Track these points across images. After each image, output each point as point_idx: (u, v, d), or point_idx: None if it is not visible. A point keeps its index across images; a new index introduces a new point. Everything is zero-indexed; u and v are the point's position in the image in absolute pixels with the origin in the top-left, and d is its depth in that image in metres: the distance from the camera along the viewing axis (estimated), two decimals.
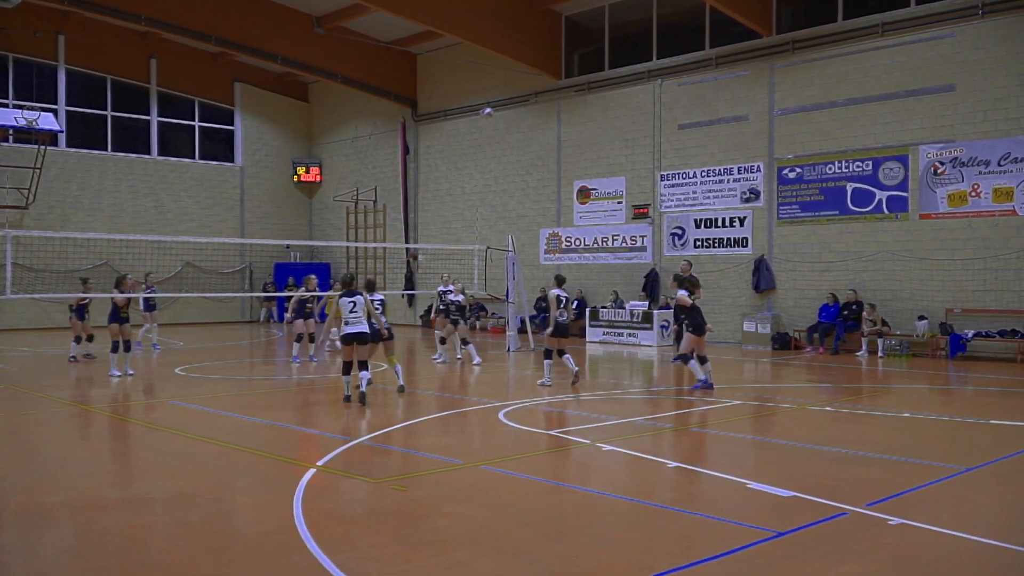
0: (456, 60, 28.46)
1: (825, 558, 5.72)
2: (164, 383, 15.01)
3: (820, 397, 13.65)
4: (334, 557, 5.65)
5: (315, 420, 11.60)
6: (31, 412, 12.05)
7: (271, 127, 34.43)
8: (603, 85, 25.61)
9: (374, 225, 32.83)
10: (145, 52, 31.11)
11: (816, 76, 21.25)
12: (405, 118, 31.17)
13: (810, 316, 21.14)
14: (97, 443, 10.41)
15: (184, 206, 32.08)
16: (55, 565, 5.76)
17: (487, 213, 28.62)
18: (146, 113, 31.65)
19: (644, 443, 9.72)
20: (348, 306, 11.64)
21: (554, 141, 26.86)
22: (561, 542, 6.04)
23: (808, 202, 21.38)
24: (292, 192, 35.09)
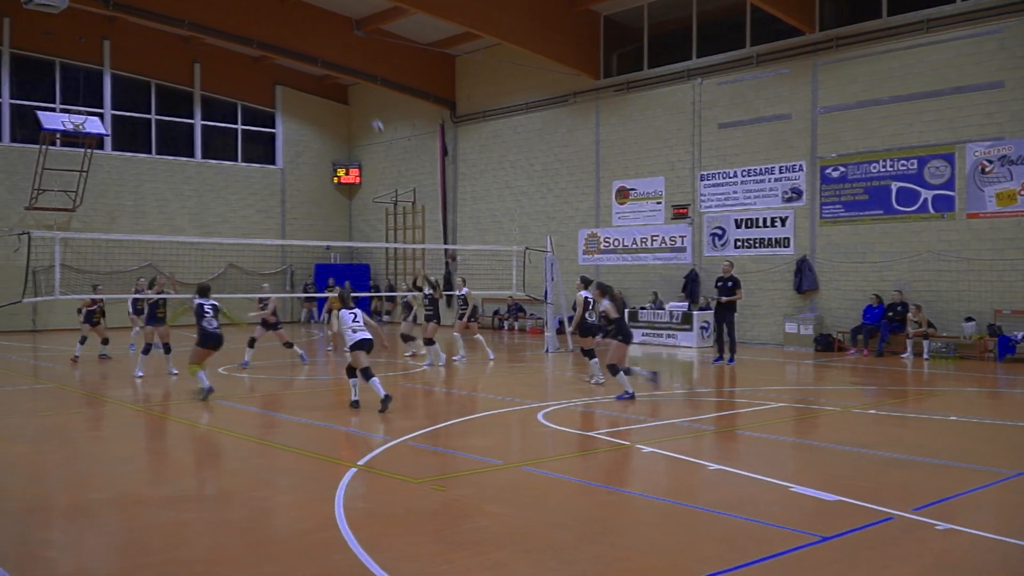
0: (495, 61, 28.49)
1: (871, 563, 5.62)
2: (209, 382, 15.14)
3: (864, 400, 13.45)
4: (374, 556, 5.66)
5: (355, 420, 11.65)
6: (78, 411, 12.25)
7: (311, 129, 34.72)
8: (642, 85, 25.48)
9: (413, 226, 32.96)
10: (189, 56, 31.52)
11: (860, 73, 20.97)
12: (444, 119, 31.26)
13: (854, 317, 20.86)
14: (142, 441, 10.55)
15: (226, 208, 32.45)
16: (100, 560, 5.85)
17: (526, 214, 28.61)
18: (190, 117, 32.07)
19: (684, 445, 9.64)
20: (350, 318, 12.35)
21: (593, 141, 26.78)
22: (600, 543, 6.00)
23: (852, 201, 21.10)
24: (332, 193, 35.36)
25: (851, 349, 20.40)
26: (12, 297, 16.72)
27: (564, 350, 20.99)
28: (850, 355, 19.93)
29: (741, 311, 21.01)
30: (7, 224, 26.28)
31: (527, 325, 28.25)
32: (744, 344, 21.59)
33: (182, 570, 5.56)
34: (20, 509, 7.01)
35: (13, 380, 15.52)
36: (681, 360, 19.63)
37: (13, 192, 27.93)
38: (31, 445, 9.89)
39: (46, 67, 29.10)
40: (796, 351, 20.90)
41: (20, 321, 26.44)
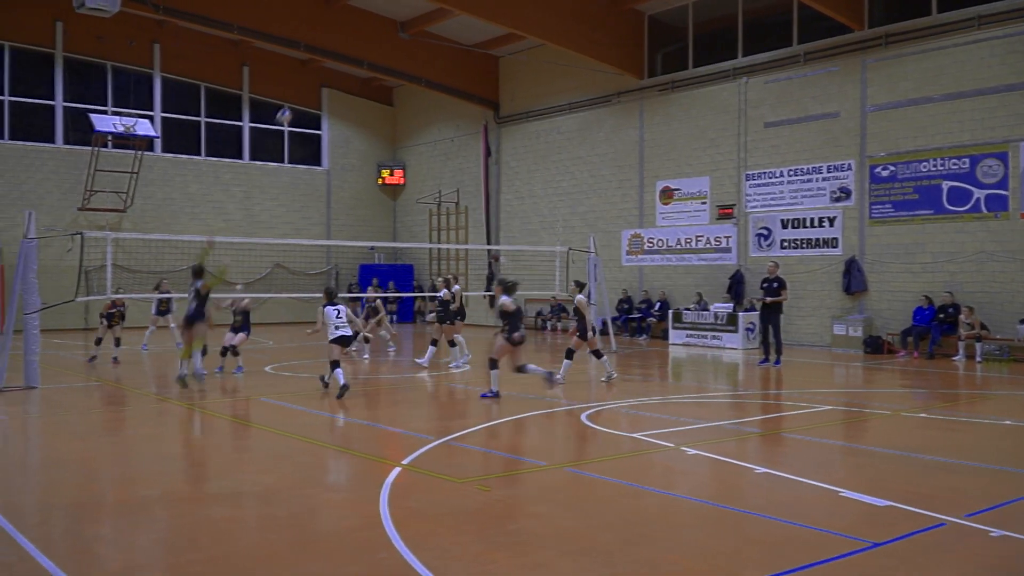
0: (538, 62, 28.46)
1: (923, 570, 5.51)
2: (254, 380, 15.33)
3: (915, 403, 13.22)
4: (419, 554, 5.67)
5: (400, 419, 11.70)
6: (130, 408, 12.45)
7: (357, 131, 34.98)
8: (687, 84, 25.29)
9: (456, 227, 33.06)
10: (237, 60, 31.93)
11: (910, 71, 20.61)
12: (487, 120, 31.31)
13: (904, 319, 20.50)
14: (190, 438, 10.69)
15: (273, 209, 32.82)
16: (149, 556, 5.92)
17: (569, 214, 28.55)
18: (238, 119, 32.48)
19: (730, 447, 9.54)
20: (334, 314, 13.38)
21: (637, 141, 26.64)
22: (644, 546, 5.95)
23: (902, 201, 20.74)
24: (377, 194, 35.59)
25: (901, 351, 20.06)
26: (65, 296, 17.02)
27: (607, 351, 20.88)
28: (900, 357, 19.59)
29: (788, 312, 20.74)
30: (61, 224, 26.80)
31: (569, 326, 28.14)
32: (791, 346, 21.33)
33: (230, 566, 5.61)
34: (71, 505, 7.13)
35: (64, 377, 15.82)
36: (726, 362, 19.44)
37: (66, 193, 28.49)
38: (82, 441, 10.07)
39: (98, 70, 29.65)
40: (844, 353, 20.60)
41: (72, 320, 26.96)
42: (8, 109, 28.01)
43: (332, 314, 13.35)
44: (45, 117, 28.71)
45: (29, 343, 13.98)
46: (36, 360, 14.10)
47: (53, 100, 28.73)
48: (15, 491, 7.81)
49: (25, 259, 13.99)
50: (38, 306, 14.19)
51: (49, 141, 28.64)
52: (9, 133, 28.00)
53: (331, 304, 13.48)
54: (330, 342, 13.24)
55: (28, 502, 7.37)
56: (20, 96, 28.31)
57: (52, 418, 11.76)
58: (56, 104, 28.75)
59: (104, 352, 18.48)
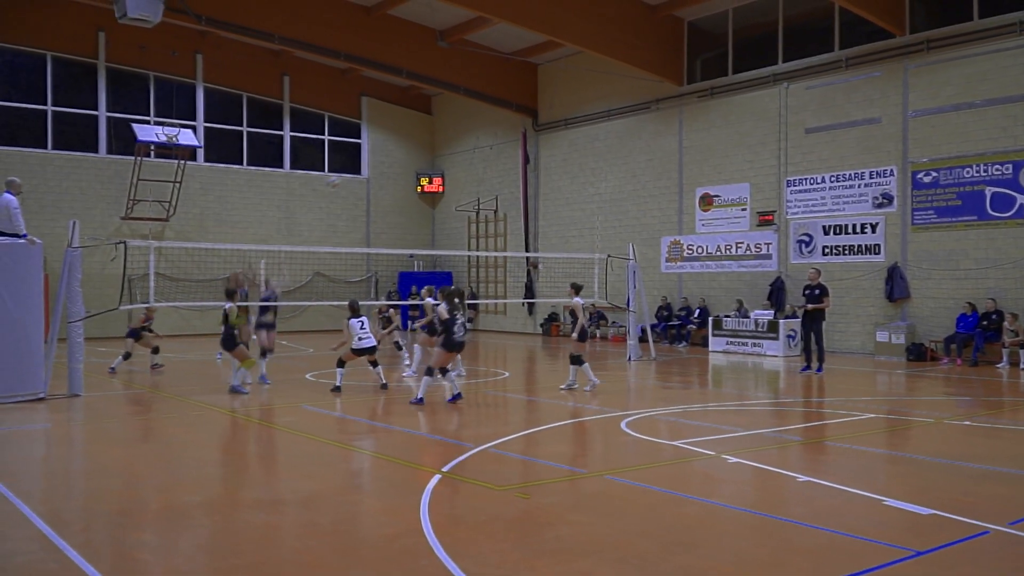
0: (577, 69, 28.48)
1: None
2: (296, 388, 15.48)
3: (958, 411, 13.02)
4: (459, 562, 5.70)
5: (440, 426, 11.76)
6: (172, 415, 12.63)
7: (396, 139, 35.22)
8: (727, 90, 25.17)
9: (495, 234, 33.15)
10: (278, 69, 32.31)
11: (952, 76, 20.35)
12: (526, 128, 31.38)
13: (947, 326, 20.21)
14: (233, 445, 10.82)
15: (313, 217, 33.12)
16: (192, 562, 6.01)
17: (608, 221, 28.50)
18: (279, 128, 32.85)
19: (771, 456, 9.47)
20: (358, 325, 14.49)
21: (676, 148, 26.55)
22: (685, 554, 5.94)
23: (944, 207, 20.46)
24: (416, 202, 35.78)
25: (944, 359, 19.77)
26: (109, 304, 17.30)
27: (647, 358, 20.83)
28: (943, 365, 19.31)
29: (830, 319, 20.55)
30: (104, 234, 27.26)
31: (609, 333, 28.11)
32: (833, 353, 21.11)
33: (272, 572, 5.68)
34: (114, 511, 7.25)
35: (108, 385, 16.08)
36: (767, 369, 19.29)
37: (110, 202, 28.98)
38: (124, 448, 10.24)
39: (141, 80, 30.13)
40: (887, 360, 20.34)
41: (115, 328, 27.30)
42: (52, 119, 28.55)
43: (356, 326, 14.49)
44: (88, 127, 29.22)
45: (73, 351, 14.20)
46: (80, 368, 14.33)
47: (96, 110, 29.23)
48: (58, 498, 7.96)
49: (69, 268, 14.24)
50: (82, 314, 14.45)
51: (92, 151, 29.15)
52: (53, 143, 28.54)
53: (355, 317, 14.58)
54: (352, 351, 14.53)
55: (71, 509, 7.49)
56: (63, 106, 28.85)
57: (95, 425, 11.97)
58: (99, 114, 29.25)
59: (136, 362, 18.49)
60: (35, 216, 25.18)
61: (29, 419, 11.97)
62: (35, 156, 28.03)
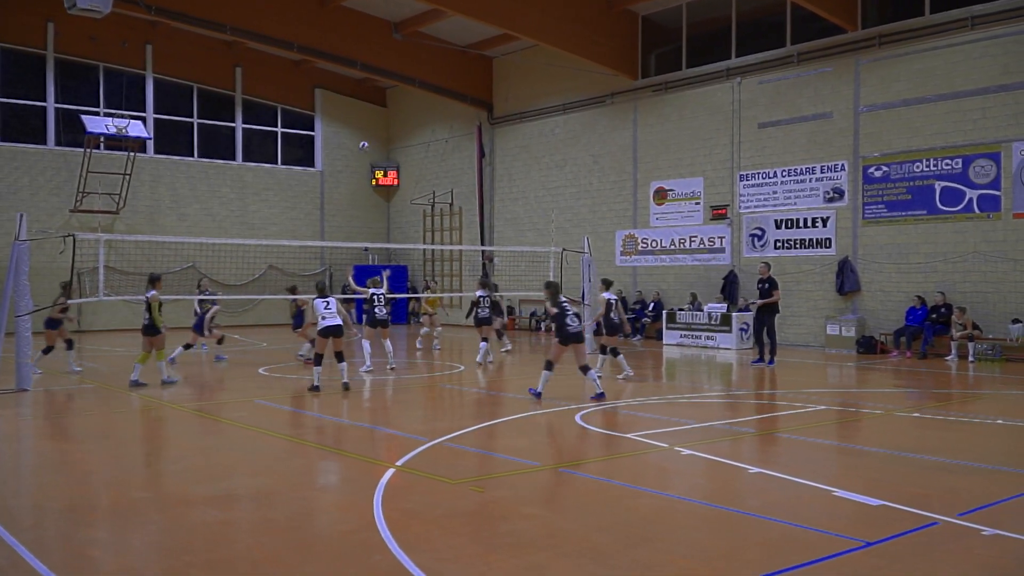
0: (532, 63, 28.48)
1: (916, 569, 5.54)
2: (248, 382, 15.32)
3: (908, 403, 13.26)
4: (414, 557, 5.68)
5: (393, 420, 11.71)
6: (121, 410, 12.43)
7: (350, 132, 34.93)
8: (681, 85, 25.33)
9: (450, 227, 33.06)
10: (230, 61, 31.87)
11: (903, 71, 20.68)
12: (481, 121, 31.31)
13: (897, 319, 20.57)
14: (184, 440, 10.67)
15: (267, 210, 32.78)
16: (144, 560, 5.92)
17: (563, 215, 28.56)
18: (231, 120, 32.42)
19: (724, 448, 9.56)
20: (322, 306, 13.82)
21: (630, 142, 26.68)
22: (641, 547, 5.97)
23: (895, 201, 20.81)
24: (370, 195, 35.56)
25: (894, 351, 20.13)
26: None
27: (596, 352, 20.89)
28: (893, 357, 19.66)
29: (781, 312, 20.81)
30: (53, 226, 26.74)
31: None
32: (785, 346, 21.38)
33: (225, 570, 5.61)
34: (64, 508, 7.12)
35: (58, 380, 15.79)
36: (720, 362, 19.48)
37: (58, 195, 28.40)
38: (75, 444, 10.06)
39: (90, 71, 29.55)
40: (838, 353, 20.65)
41: None
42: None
43: (321, 306, 13.84)
44: (37, 118, 28.62)
45: (21, 346, 13.95)
46: (28, 363, 14.09)
47: (45, 101, 28.63)
48: (8, 494, 7.79)
49: (17, 261, 13.95)
50: (30, 308, 14.17)
51: (41, 143, 28.55)
52: (1, 135, 27.92)
53: (321, 297, 13.99)
54: (319, 335, 13.78)
55: (21, 505, 7.34)
56: (11, 98, 28.23)
57: (44, 421, 11.75)
58: (48, 105, 28.66)
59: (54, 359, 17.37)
60: None
61: None
62: None
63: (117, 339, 24.31)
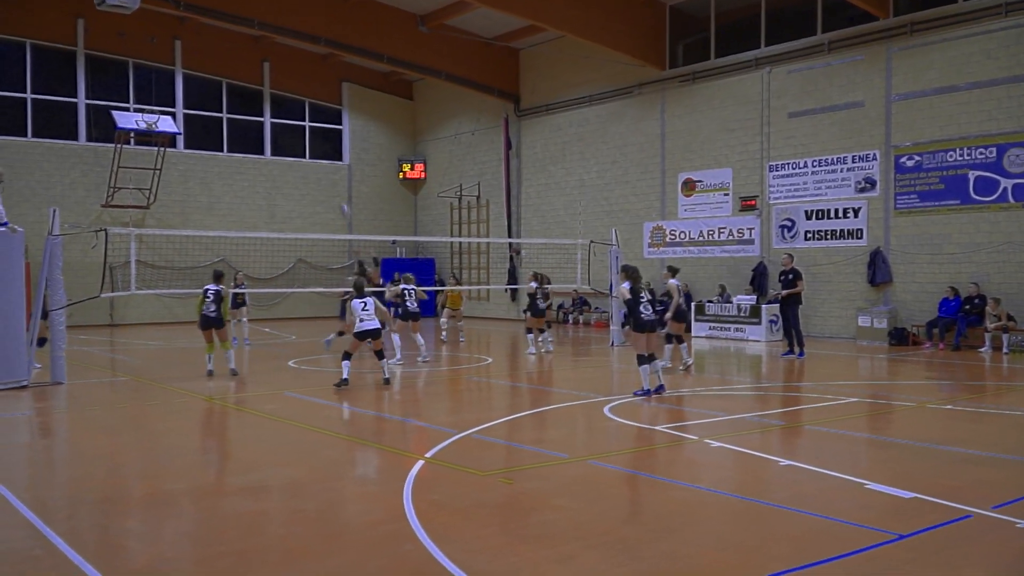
0: (559, 54, 28.42)
1: (950, 562, 5.50)
2: (279, 375, 15.45)
3: (941, 395, 13.14)
4: (444, 548, 5.71)
5: (422, 412, 11.76)
6: (154, 403, 12.58)
7: (377, 125, 35.06)
8: (709, 75, 25.17)
9: (477, 220, 33.10)
10: (258, 55, 32.06)
11: (936, 59, 20.42)
12: (508, 113, 31.30)
13: (929, 311, 20.35)
14: (216, 432, 10.79)
15: (295, 204, 32.98)
16: (177, 549, 6.00)
17: (590, 207, 28.50)
18: (259, 115, 32.62)
19: (753, 440, 9.52)
20: (360, 306, 13.56)
21: (658, 133, 26.56)
22: (669, 539, 5.97)
23: (927, 191, 20.57)
24: (397, 189, 35.67)
25: (926, 343, 19.93)
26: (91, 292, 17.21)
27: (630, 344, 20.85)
28: (925, 349, 19.46)
29: (812, 304, 20.70)
30: (84, 221, 27.08)
31: (592, 319, 28.16)
32: (815, 338, 21.24)
33: (257, 559, 5.67)
34: (99, 499, 7.23)
35: (92, 373, 16.00)
36: (749, 354, 19.38)
37: (90, 190, 28.75)
38: (108, 436, 10.19)
39: (120, 67, 29.85)
40: (869, 345, 20.47)
41: (98, 316, 27.24)
42: (31, 107, 28.27)
43: (358, 307, 13.54)
44: (68, 115, 28.94)
45: (55, 339, 14.16)
46: (63, 356, 14.28)
47: (76, 98, 28.96)
48: (43, 486, 7.94)
49: (50, 256, 14.16)
50: (64, 302, 14.37)
51: (72, 139, 28.90)
52: (32, 131, 28.27)
53: (359, 298, 13.67)
54: (355, 336, 13.52)
55: (56, 496, 7.47)
56: (43, 94, 28.57)
57: (78, 413, 11.92)
58: (79, 101, 28.98)
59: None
60: (15, 204, 24.98)
61: (12, 407, 11.90)
62: (15, 144, 27.75)
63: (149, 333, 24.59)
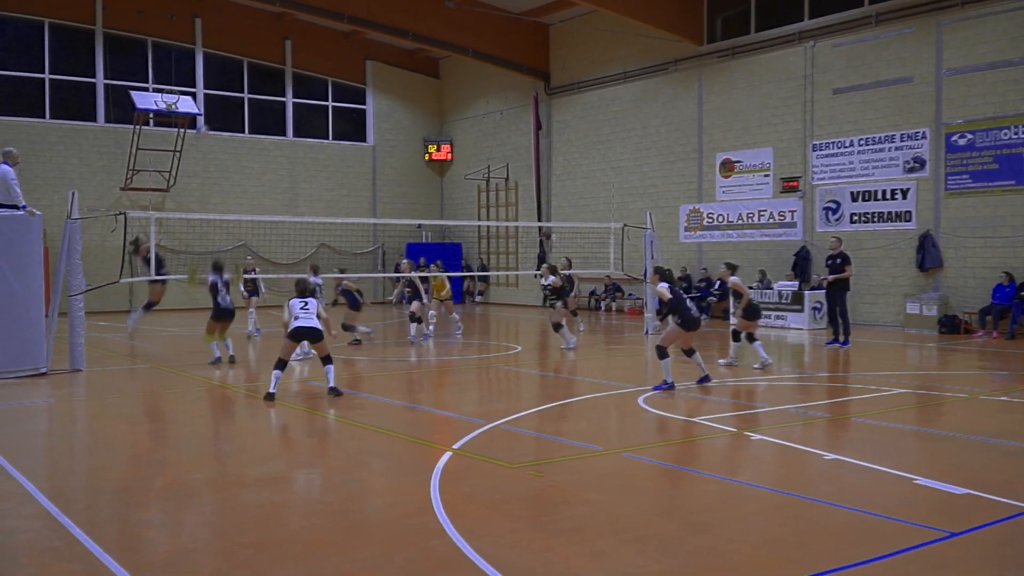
0: (591, 29, 28.26)
1: (1003, 560, 5.43)
2: (301, 363, 15.53)
3: (994, 386, 12.96)
4: (472, 542, 5.71)
5: (449, 402, 11.78)
6: (174, 391, 12.70)
7: (402, 105, 35.08)
8: (749, 50, 24.92)
9: (506, 203, 33.07)
10: (280, 33, 32.17)
11: (989, 32, 20.06)
12: (537, 91, 31.18)
13: (982, 297, 20.08)
14: (237, 422, 10.87)
15: (318, 186, 33.11)
16: (197, 540, 6.06)
17: (623, 189, 28.37)
18: (281, 95, 32.75)
19: (796, 433, 9.45)
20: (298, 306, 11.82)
21: (695, 111, 26.35)
22: (706, 534, 5.93)
23: (980, 171, 20.26)
24: (423, 171, 35.70)
25: (979, 331, 19.67)
26: (109, 277, 17.37)
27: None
28: (978, 338, 19.21)
29: (858, 291, 20.48)
30: (103, 204, 27.34)
31: (625, 306, 28.07)
32: (862, 326, 21.03)
33: (279, 551, 5.70)
34: (118, 488, 7.30)
35: (110, 360, 16.18)
36: (791, 343, 19.24)
37: (109, 173, 29.02)
38: (128, 424, 10.30)
39: (139, 46, 30.06)
40: (918, 333, 20.24)
41: (117, 301, 27.51)
42: (49, 87, 28.56)
43: (296, 306, 11.84)
44: (86, 95, 29.21)
45: (74, 325, 14.30)
46: (82, 343, 14.44)
47: (94, 78, 29.20)
48: (62, 475, 8.04)
49: (69, 240, 14.29)
50: (83, 288, 14.51)
51: (91, 120, 29.16)
52: (51, 112, 28.57)
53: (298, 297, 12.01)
54: (287, 336, 11.75)
55: (75, 486, 7.57)
56: (61, 74, 28.83)
57: (98, 401, 12.06)
58: (97, 82, 29.22)
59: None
60: (33, 187, 25.29)
61: (31, 395, 12.06)
62: (33, 126, 28.08)
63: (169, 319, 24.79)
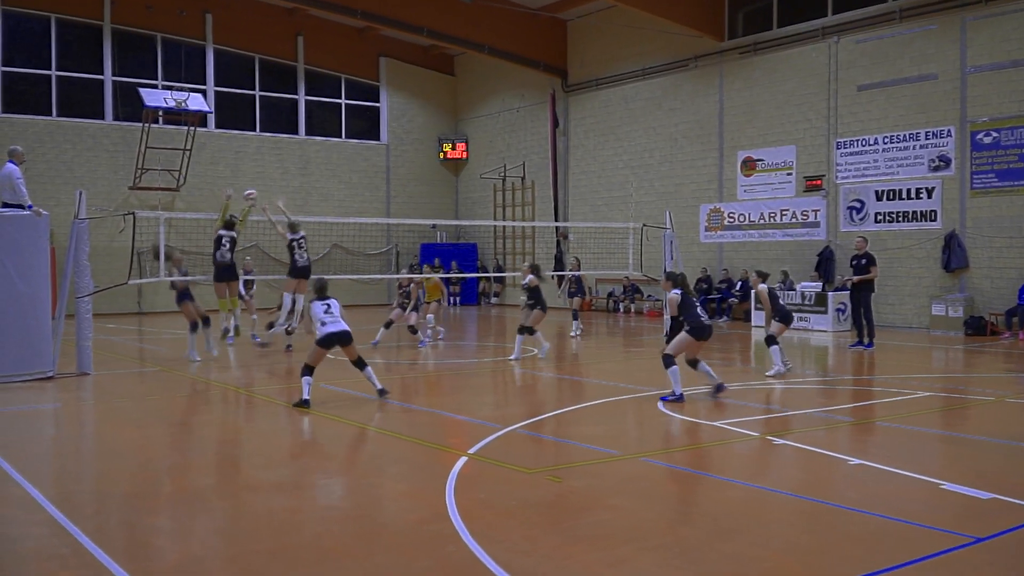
0: (609, 25, 28.24)
1: None
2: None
3: (1020, 388, 12.88)
4: (489, 549, 5.71)
5: (465, 406, 11.78)
6: (183, 394, 12.75)
7: (416, 102, 35.14)
8: (771, 45, 24.85)
9: (522, 203, 33.07)
10: (292, 29, 32.27)
11: (1014, 29, 19.94)
12: (555, 89, 31.18)
13: (1009, 298, 19.96)
14: (249, 425, 10.90)
15: (330, 186, 33.19)
16: (208, 547, 6.06)
17: (643, 188, 28.34)
18: (293, 92, 32.86)
19: (820, 437, 9.42)
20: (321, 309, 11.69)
21: (716, 108, 26.30)
22: (729, 541, 5.92)
23: (1006, 170, 20.15)
24: (438, 169, 35.74)
25: (1006, 333, 19.57)
26: (118, 279, 17.43)
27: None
28: (1005, 339, 19.11)
29: (882, 292, 20.40)
30: (112, 204, 27.48)
31: (644, 307, 28.03)
32: (886, 327, 20.94)
33: (292, 558, 5.71)
34: (126, 494, 7.32)
35: (119, 363, 16.25)
36: (814, 345, 19.17)
37: (117, 172, 29.15)
38: (137, 429, 10.33)
39: (148, 43, 30.19)
40: (943, 335, 20.15)
41: (125, 304, 27.63)
42: (56, 84, 28.70)
43: (319, 310, 11.75)
44: (94, 92, 29.33)
45: (82, 328, 14.31)
46: (89, 345, 14.41)
47: (102, 74, 29.33)
48: (69, 480, 8.06)
49: (76, 240, 14.30)
50: (91, 289, 14.55)
51: (98, 117, 29.30)
52: (57, 109, 28.72)
53: (320, 299, 11.90)
54: (316, 343, 11.61)
55: (82, 492, 7.57)
56: (68, 71, 28.97)
57: (105, 405, 12.10)
58: (105, 78, 29.36)
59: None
60: (40, 186, 25.37)
61: (38, 398, 12.12)
62: (40, 123, 28.25)
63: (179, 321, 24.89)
